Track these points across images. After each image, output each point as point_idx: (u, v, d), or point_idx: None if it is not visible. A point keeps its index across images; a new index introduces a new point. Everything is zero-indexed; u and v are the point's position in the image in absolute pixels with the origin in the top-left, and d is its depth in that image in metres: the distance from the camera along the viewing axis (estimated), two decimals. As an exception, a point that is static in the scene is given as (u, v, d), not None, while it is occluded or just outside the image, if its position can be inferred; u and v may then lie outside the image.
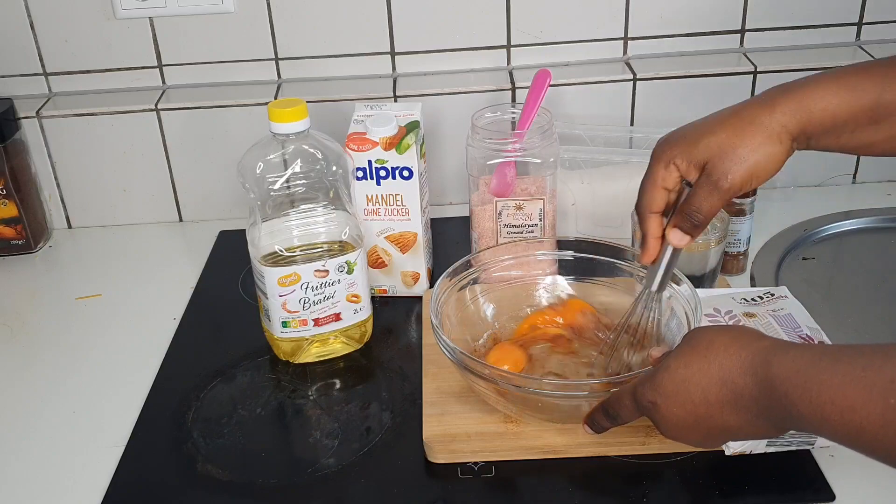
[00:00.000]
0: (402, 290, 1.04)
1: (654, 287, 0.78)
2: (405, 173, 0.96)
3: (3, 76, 1.17)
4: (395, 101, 1.14)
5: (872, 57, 1.15)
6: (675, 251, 0.76)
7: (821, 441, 0.76)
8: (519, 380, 0.77)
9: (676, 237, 0.73)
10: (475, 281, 0.92)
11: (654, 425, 0.70)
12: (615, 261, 0.92)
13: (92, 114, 1.16)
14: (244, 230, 0.91)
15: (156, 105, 1.16)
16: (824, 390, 0.56)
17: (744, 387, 0.61)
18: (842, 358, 0.57)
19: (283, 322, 0.91)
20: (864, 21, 1.18)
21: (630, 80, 1.16)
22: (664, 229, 0.75)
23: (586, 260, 0.93)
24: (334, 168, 0.89)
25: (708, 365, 0.64)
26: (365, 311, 0.94)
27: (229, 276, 1.09)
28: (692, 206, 0.71)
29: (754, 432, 0.65)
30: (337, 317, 0.92)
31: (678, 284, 0.84)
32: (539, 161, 0.96)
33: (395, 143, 0.96)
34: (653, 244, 0.76)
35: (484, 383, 0.78)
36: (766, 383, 0.60)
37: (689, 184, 0.73)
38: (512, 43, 1.18)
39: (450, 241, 1.12)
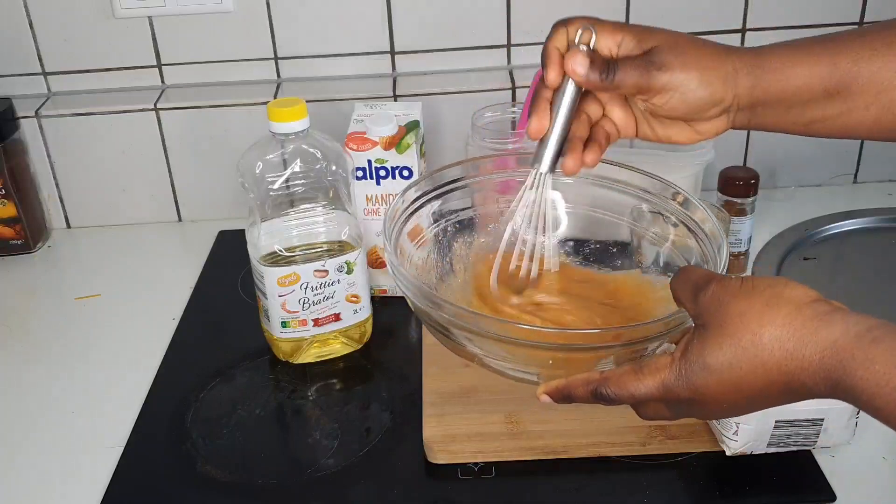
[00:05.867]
0: (401, 290, 1.04)
1: (544, 166, 0.69)
2: (405, 173, 0.96)
3: (2, 76, 1.17)
4: (395, 100, 1.14)
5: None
6: (567, 118, 0.68)
7: (821, 441, 0.76)
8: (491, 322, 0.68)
9: (580, 60, 0.65)
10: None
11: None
12: None
13: (91, 113, 1.15)
14: (244, 230, 0.91)
15: (155, 105, 1.16)
16: None
17: (813, 387, 0.53)
18: None
19: (282, 322, 0.91)
20: (864, 21, 1.17)
21: (630, 79, 1.15)
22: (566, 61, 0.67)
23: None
24: (334, 168, 0.89)
25: (763, 367, 0.54)
26: (364, 312, 0.94)
27: (229, 276, 1.09)
28: (617, 62, 0.66)
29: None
30: (336, 317, 0.92)
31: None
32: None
33: (395, 143, 0.96)
34: (554, 55, 0.68)
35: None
36: (842, 389, 0.51)
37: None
38: (512, 42, 1.18)
39: (450, 241, 1.12)
